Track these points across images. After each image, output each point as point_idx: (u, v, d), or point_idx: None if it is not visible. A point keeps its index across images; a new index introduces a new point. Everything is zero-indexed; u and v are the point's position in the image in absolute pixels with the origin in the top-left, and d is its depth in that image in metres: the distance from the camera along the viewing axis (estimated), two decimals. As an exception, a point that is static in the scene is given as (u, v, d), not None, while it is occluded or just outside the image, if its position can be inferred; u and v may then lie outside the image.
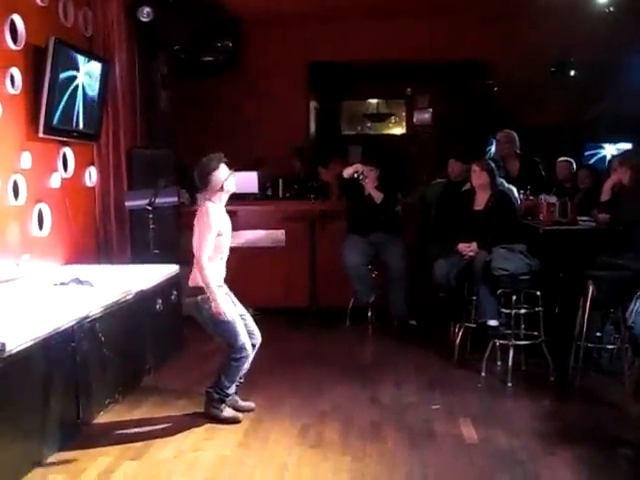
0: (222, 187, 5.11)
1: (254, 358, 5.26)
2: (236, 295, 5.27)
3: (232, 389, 5.20)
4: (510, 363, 5.94)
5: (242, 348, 5.07)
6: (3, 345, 4.07)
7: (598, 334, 6.10)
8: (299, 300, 8.11)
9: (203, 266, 4.96)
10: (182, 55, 8.94)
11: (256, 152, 9.18)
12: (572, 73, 9.64)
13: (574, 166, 8.19)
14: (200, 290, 5.01)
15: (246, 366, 5.21)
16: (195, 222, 5.11)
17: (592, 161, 9.44)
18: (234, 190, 5.22)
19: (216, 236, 5.02)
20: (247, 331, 5.17)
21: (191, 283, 5.13)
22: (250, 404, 5.36)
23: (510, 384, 5.86)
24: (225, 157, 5.17)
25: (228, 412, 5.15)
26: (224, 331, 5.06)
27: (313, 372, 6.27)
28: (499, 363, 6.21)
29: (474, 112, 10.19)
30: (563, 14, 8.49)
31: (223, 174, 5.12)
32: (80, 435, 4.89)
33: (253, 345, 5.22)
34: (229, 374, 5.14)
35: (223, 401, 5.16)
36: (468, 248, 6.45)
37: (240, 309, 5.26)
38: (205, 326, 5.14)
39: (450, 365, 6.40)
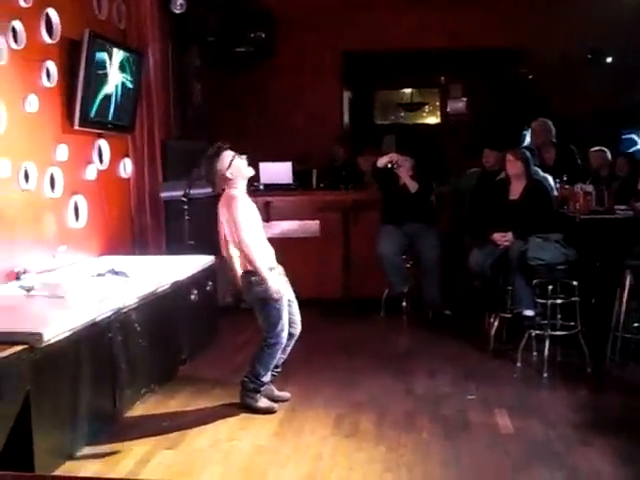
0: (227, 176, 5.09)
1: (291, 348, 5.29)
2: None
3: (267, 377, 5.19)
4: (546, 354, 5.89)
5: (279, 334, 5.06)
6: (40, 335, 4.11)
7: (636, 324, 6.00)
8: (333, 290, 8.13)
9: (247, 244, 4.93)
10: (215, 46, 8.96)
11: (289, 142, 9.18)
12: (608, 60, 9.51)
13: (608, 155, 8.10)
14: (252, 273, 5.00)
15: (281, 355, 5.21)
16: (221, 210, 5.14)
17: (631, 150, 9.30)
18: (245, 173, 5.18)
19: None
20: (290, 319, 5.16)
21: (242, 268, 5.11)
22: (285, 394, 5.35)
23: (546, 375, 5.82)
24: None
25: (263, 402, 5.15)
26: (269, 312, 5.03)
27: (347, 362, 6.27)
28: (535, 353, 6.16)
29: (509, 101, 10.10)
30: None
31: (223, 164, 5.11)
32: (116, 425, 4.94)
33: (292, 335, 5.22)
34: (263, 362, 5.14)
35: (258, 391, 5.15)
36: (503, 238, 6.41)
37: (290, 294, 5.24)
38: (253, 306, 5.14)
39: (485, 355, 6.37)
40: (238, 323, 6.96)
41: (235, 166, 5.10)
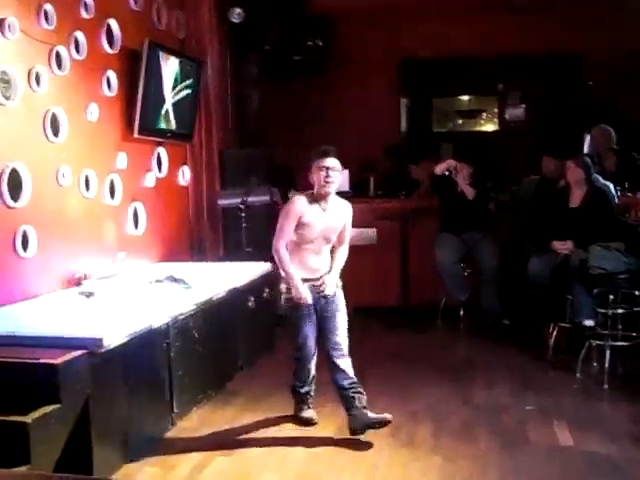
0: (311, 180, 4.92)
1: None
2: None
3: (304, 389, 5.13)
4: (607, 365, 5.77)
5: (299, 347, 5.00)
6: (101, 340, 4.17)
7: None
8: (391, 298, 8.10)
9: (276, 248, 4.85)
10: (273, 55, 9.01)
11: (346, 150, 9.13)
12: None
13: None
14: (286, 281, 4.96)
15: (311, 369, 5.09)
16: None
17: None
18: (323, 184, 4.84)
19: (297, 226, 4.83)
20: (330, 341, 4.91)
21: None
22: (312, 416, 5.10)
23: (607, 386, 5.69)
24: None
25: (306, 413, 5.12)
26: (291, 322, 5.01)
27: (405, 371, 6.22)
28: (595, 364, 6.04)
29: (568, 107, 9.96)
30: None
31: (314, 168, 4.89)
32: (173, 430, 4.98)
33: (332, 356, 4.88)
34: (295, 372, 5.14)
35: (302, 400, 5.14)
36: (563, 246, 6.32)
37: (331, 314, 4.95)
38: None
39: (544, 366, 6.27)
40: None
41: (316, 173, 4.86)
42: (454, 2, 9.04)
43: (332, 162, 4.86)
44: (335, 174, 4.86)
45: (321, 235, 4.90)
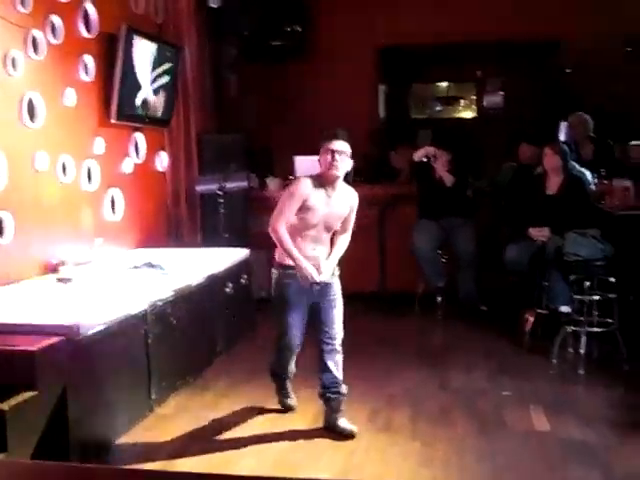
0: (319, 162, 4.71)
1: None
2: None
3: (282, 376, 5.05)
4: (582, 350, 5.82)
5: (281, 336, 4.84)
6: (78, 327, 4.15)
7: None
8: (369, 284, 8.10)
9: (274, 228, 4.58)
10: (251, 40, 8.97)
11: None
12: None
13: None
14: (277, 266, 4.77)
15: (289, 361, 4.98)
16: None
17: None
18: (329, 167, 4.64)
19: (299, 210, 4.60)
20: (323, 333, 4.76)
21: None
22: (292, 404, 5.09)
23: (582, 372, 5.75)
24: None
25: (287, 400, 5.08)
26: (276, 308, 4.82)
27: (383, 356, 6.26)
28: (571, 350, 6.09)
29: (546, 94, 9.98)
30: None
31: (322, 150, 4.69)
32: (152, 416, 4.98)
33: (326, 347, 4.77)
34: (275, 359, 5.04)
35: (281, 386, 5.08)
36: (540, 233, 6.35)
37: (327, 304, 4.81)
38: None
39: (521, 351, 6.32)
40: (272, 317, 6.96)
41: (323, 157, 4.68)
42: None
43: (340, 145, 4.69)
44: (343, 158, 4.67)
45: (322, 221, 4.68)
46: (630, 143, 7.99)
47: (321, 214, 4.64)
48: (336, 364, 4.79)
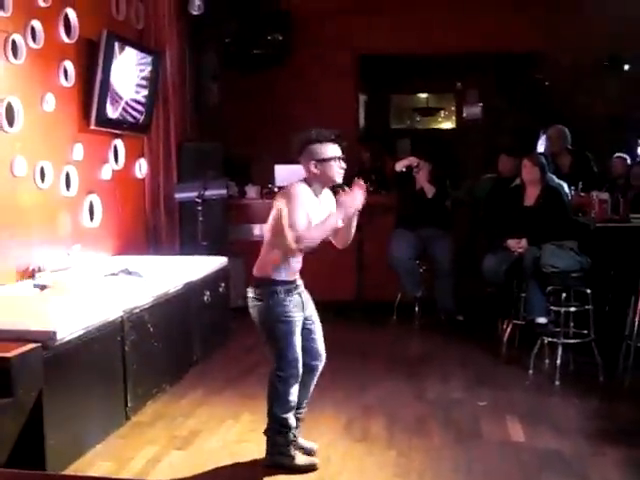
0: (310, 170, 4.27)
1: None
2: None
3: (292, 420, 4.32)
4: (558, 361, 5.86)
5: (291, 364, 4.22)
6: (54, 333, 4.13)
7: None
8: (346, 293, 8.12)
9: (301, 236, 4.00)
10: (232, 48, 8.98)
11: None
12: (626, 67, 9.46)
13: (628, 162, 8.05)
14: (270, 283, 4.23)
15: (303, 390, 4.40)
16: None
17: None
18: (335, 176, 4.29)
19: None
20: (312, 349, 4.41)
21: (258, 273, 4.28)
22: (313, 445, 4.51)
23: (558, 382, 5.79)
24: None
25: (301, 459, 4.34)
26: (276, 336, 4.22)
27: (358, 366, 6.26)
28: (547, 361, 6.13)
29: (525, 106, 10.07)
30: (616, 5, 8.33)
31: (322, 156, 4.26)
32: (128, 423, 4.96)
33: (314, 367, 4.44)
34: (279, 400, 4.27)
35: (289, 442, 4.30)
36: (518, 244, 6.40)
37: (311, 316, 4.45)
38: (258, 327, 4.33)
39: (497, 362, 6.36)
40: (250, 325, 6.94)
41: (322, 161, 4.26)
42: (414, 0, 9.07)
43: (340, 150, 4.30)
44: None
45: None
46: (614, 156, 8.07)
47: (314, 223, 4.16)
48: (312, 384, 4.51)
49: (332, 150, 4.25)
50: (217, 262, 6.76)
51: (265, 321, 4.26)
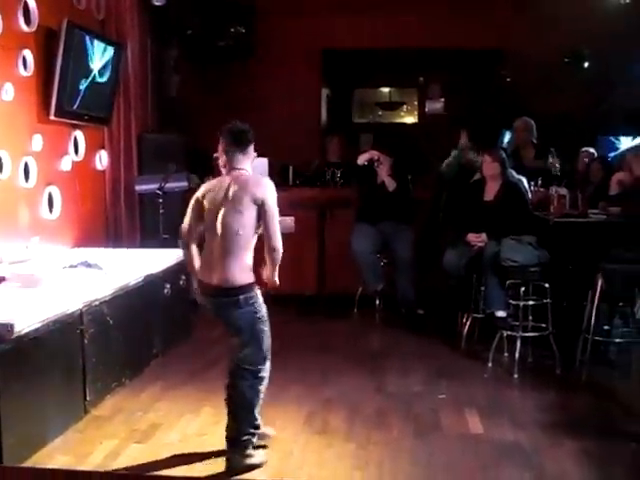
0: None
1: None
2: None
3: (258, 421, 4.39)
4: (517, 354, 5.93)
5: (267, 362, 4.36)
6: (12, 326, 4.10)
7: (605, 327, 6.06)
8: (308, 287, 8.13)
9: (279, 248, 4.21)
10: (194, 40, 8.93)
11: (266, 138, 9.09)
12: (586, 65, 9.57)
13: (595, 156, 8.12)
14: (244, 289, 4.21)
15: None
16: (258, 196, 4.22)
17: (612, 154, 9.30)
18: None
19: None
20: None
21: (239, 282, 4.20)
22: (270, 430, 4.59)
23: (516, 375, 5.86)
24: None
25: (259, 455, 4.33)
26: (260, 333, 4.27)
27: (319, 359, 6.28)
28: (506, 354, 6.19)
29: (487, 102, 10.14)
30: (579, 4, 8.43)
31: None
32: (86, 417, 4.93)
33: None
34: (255, 402, 4.33)
35: (254, 444, 4.33)
36: (477, 238, 6.45)
37: None
38: (241, 329, 4.26)
39: (457, 355, 6.41)
40: (210, 319, 6.94)
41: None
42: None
43: None
44: None
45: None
46: (582, 149, 8.15)
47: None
48: None
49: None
50: (178, 255, 6.72)
51: (254, 324, 4.26)
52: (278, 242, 4.24)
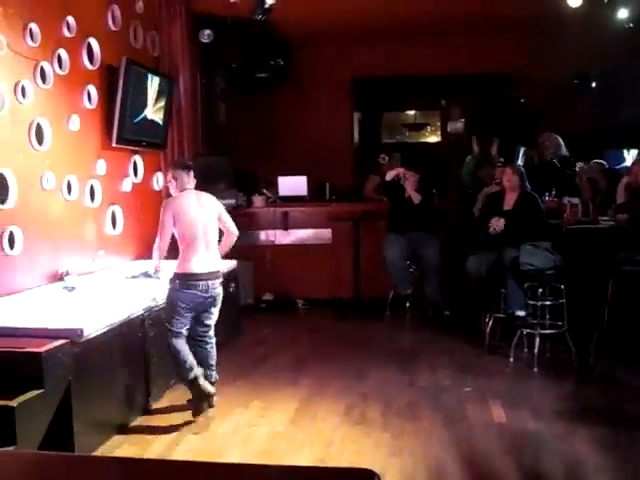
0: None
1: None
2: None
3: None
4: (536, 350, 5.86)
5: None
6: (82, 330, 4.13)
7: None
8: (344, 292, 8.15)
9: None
10: (238, 72, 9.02)
11: (305, 158, 9.15)
12: (593, 84, 9.48)
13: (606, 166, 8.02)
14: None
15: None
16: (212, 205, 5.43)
17: (619, 167, 9.16)
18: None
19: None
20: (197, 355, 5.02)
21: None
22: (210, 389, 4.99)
23: (536, 369, 5.79)
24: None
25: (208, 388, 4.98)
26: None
27: (357, 356, 6.26)
28: (526, 350, 6.13)
29: (503, 122, 10.07)
30: (585, 30, 8.34)
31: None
32: (148, 412, 4.96)
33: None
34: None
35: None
36: (497, 222, 6.38)
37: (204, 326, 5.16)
38: (219, 305, 5.20)
39: (481, 351, 6.35)
40: (258, 321, 6.98)
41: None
42: (401, 27, 9.06)
43: None
44: None
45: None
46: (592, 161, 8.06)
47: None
48: None
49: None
50: (227, 264, 6.75)
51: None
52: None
